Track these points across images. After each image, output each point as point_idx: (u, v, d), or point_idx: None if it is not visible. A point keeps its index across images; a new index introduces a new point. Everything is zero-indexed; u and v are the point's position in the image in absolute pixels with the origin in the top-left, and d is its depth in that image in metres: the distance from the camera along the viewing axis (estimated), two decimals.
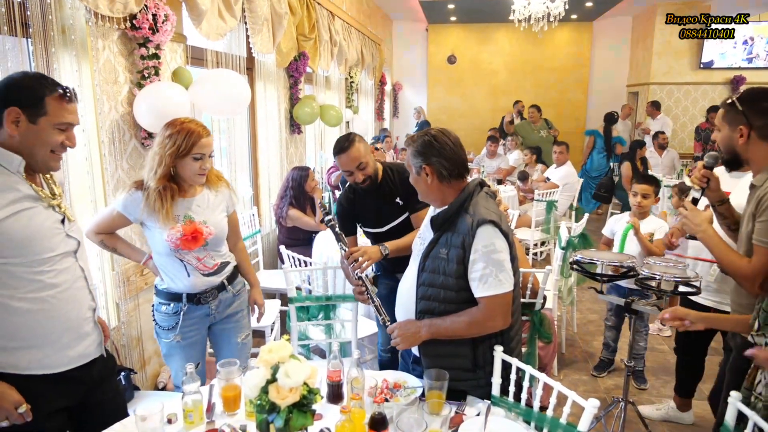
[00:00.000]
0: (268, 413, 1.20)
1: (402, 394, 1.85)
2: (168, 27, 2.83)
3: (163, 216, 2.09)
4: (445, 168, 1.86)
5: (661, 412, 3.17)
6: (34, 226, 1.56)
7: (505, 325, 1.84)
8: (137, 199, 2.13)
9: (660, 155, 7.59)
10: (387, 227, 2.64)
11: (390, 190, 2.60)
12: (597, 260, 2.54)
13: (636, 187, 3.40)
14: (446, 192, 1.89)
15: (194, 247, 2.16)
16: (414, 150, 1.91)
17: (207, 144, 2.14)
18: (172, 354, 2.31)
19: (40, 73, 1.61)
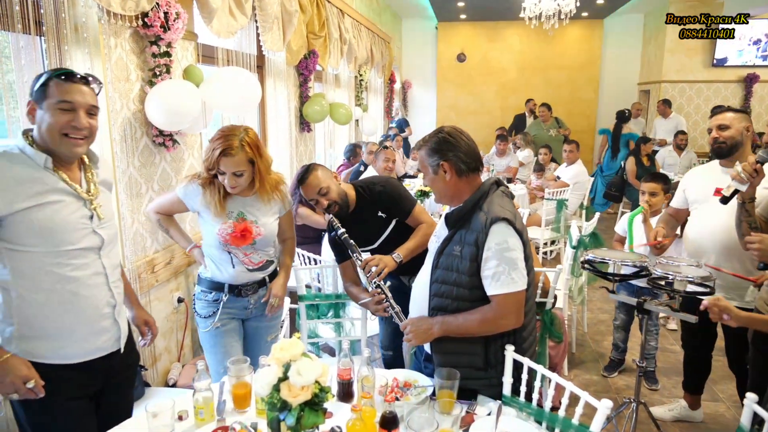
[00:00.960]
0: (279, 411, 1.20)
1: (413, 393, 1.85)
2: (179, 25, 2.83)
3: (214, 208, 2.21)
4: (463, 162, 1.86)
5: (673, 412, 3.15)
6: (58, 218, 1.61)
7: (517, 324, 1.83)
8: (195, 190, 2.25)
9: (679, 155, 7.53)
10: (378, 242, 2.65)
11: (369, 207, 2.60)
12: (609, 260, 2.52)
13: (644, 186, 3.38)
14: (463, 189, 1.89)
15: (242, 244, 2.25)
16: (429, 149, 1.90)
17: (227, 164, 2.14)
18: (211, 344, 2.35)
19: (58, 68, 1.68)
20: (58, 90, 1.59)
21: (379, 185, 2.63)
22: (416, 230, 2.59)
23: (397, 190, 2.65)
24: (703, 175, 2.84)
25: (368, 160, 5.48)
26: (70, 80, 1.60)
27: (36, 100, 1.60)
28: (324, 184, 2.45)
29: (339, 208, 2.49)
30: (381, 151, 5.03)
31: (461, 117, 11.45)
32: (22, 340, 1.60)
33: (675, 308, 2.35)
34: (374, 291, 2.31)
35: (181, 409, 1.75)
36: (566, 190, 5.94)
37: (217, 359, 2.35)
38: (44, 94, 1.58)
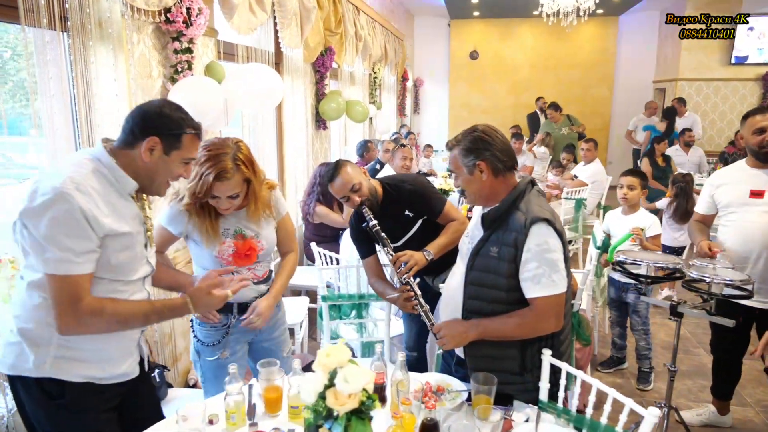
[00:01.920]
0: (325, 420, 1.15)
1: (447, 398, 1.80)
2: (201, 21, 2.79)
3: (206, 234, 1.99)
4: (500, 160, 1.81)
5: (702, 417, 3.08)
6: (133, 249, 1.60)
7: (557, 328, 1.78)
8: (180, 213, 2.00)
9: (686, 153, 7.41)
10: (402, 240, 2.59)
11: (395, 206, 2.53)
12: (641, 261, 2.46)
13: (621, 179, 3.47)
14: (498, 189, 1.84)
15: (247, 264, 2.07)
16: (463, 149, 1.84)
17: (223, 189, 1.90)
18: (215, 374, 2.14)
19: (178, 106, 1.62)
20: (192, 146, 1.62)
21: (408, 184, 2.57)
22: (447, 227, 2.52)
23: (427, 189, 2.58)
24: (733, 177, 2.76)
25: (384, 159, 5.43)
26: (199, 137, 1.64)
27: (165, 143, 1.56)
28: (356, 180, 2.36)
29: (371, 204, 2.41)
30: (398, 149, 4.98)
31: (473, 115, 11.36)
32: (57, 359, 1.52)
33: (711, 312, 2.29)
34: (403, 288, 2.25)
35: (211, 413, 1.71)
36: (584, 190, 5.86)
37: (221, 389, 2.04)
38: (177, 144, 1.57)
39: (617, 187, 3.49)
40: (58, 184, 1.41)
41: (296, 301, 3.75)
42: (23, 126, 2.08)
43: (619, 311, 3.60)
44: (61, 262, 1.41)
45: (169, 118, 1.56)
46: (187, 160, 1.63)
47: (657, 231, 3.32)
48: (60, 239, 1.39)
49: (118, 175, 1.55)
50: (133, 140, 1.55)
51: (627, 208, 3.46)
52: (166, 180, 1.63)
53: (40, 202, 1.39)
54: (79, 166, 1.50)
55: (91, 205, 1.44)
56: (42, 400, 1.53)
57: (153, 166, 1.57)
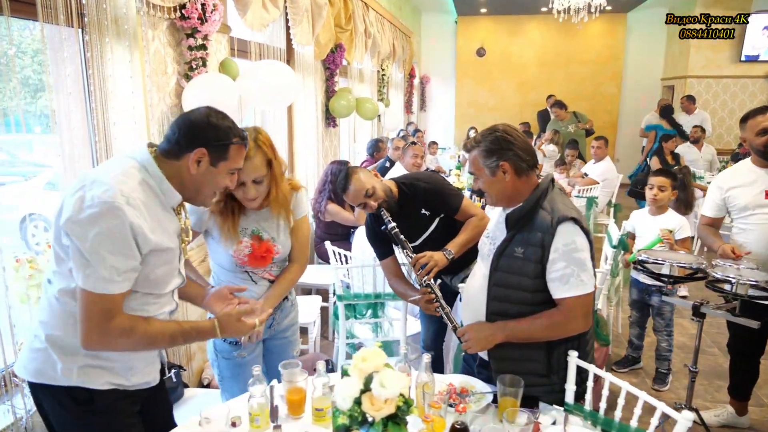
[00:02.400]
0: (360, 425, 1.13)
1: (471, 400, 1.77)
2: (216, 17, 2.77)
3: (226, 233, 1.96)
4: (523, 160, 1.78)
5: (720, 418, 3.05)
6: (169, 265, 1.55)
7: (586, 328, 1.75)
8: (201, 208, 1.93)
9: (699, 151, 7.36)
10: (420, 240, 2.56)
11: (411, 205, 2.50)
12: (664, 261, 2.42)
13: (651, 180, 3.33)
14: (521, 189, 1.81)
15: (262, 265, 2.03)
16: (484, 150, 1.81)
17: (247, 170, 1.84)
18: (234, 373, 2.12)
19: (224, 114, 1.56)
20: (239, 157, 1.57)
21: (423, 182, 2.53)
22: (466, 224, 2.48)
23: (443, 187, 2.55)
24: (743, 179, 2.71)
25: (394, 156, 5.39)
26: (245, 146, 1.59)
27: (212, 155, 1.50)
28: (368, 185, 2.33)
29: (388, 204, 2.38)
30: (408, 146, 4.94)
31: (480, 113, 11.32)
32: (85, 368, 1.48)
33: (735, 312, 2.25)
34: (423, 290, 2.22)
35: (234, 415, 1.68)
36: (595, 188, 5.81)
37: (238, 388, 2.09)
38: (225, 155, 1.52)
39: (647, 187, 3.36)
40: (109, 197, 1.34)
41: (309, 300, 3.73)
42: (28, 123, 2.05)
43: (640, 312, 3.55)
44: (102, 281, 1.36)
45: (217, 128, 1.50)
46: (233, 170, 1.58)
47: (687, 233, 3.20)
48: (105, 256, 1.34)
49: (165, 188, 1.50)
50: (179, 151, 1.49)
51: (655, 208, 3.34)
52: (212, 191, 1.59)
53: (88, 215, 1.33)
54: (126, 176, 1.43)
55: (140, 220, 1.39)
56: (70, 406, 1.49)
57: (200, 177, 1.52)
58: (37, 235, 5.38)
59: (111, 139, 2.29)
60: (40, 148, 5.88)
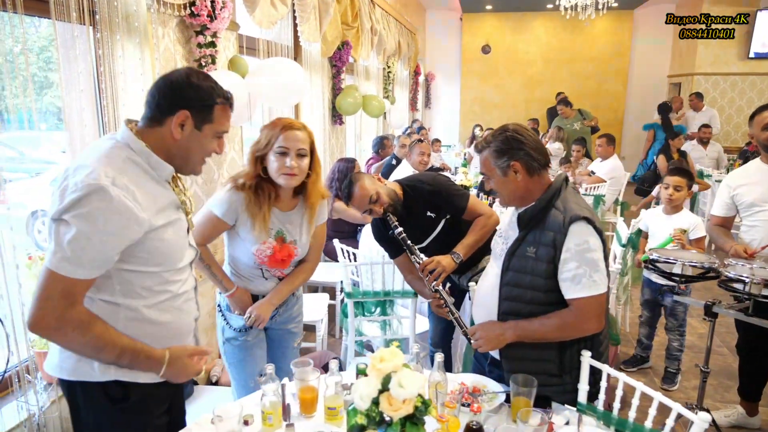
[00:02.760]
0: (377, 425, 1.12)
1: (484, 399, 1.77)
2: (225, 14, 2.76)
3: (260, 222, 1.96)
4: (534, 159, 1.77)
5: (730, 419, 3.04)
6: (179, 236, 1.50)
7: (599, 329, 1.74)
8: (238, 199, 1.97)
9: (705, 149, 7.32)
10: (426, 241, 2.56)
11: (416, 207, 2.50)
12: (676, 260, 2.41)
13: (668, 179, 3.29)
14: (533, 188, 1.79)
15: (280, 268, 2.07)
16: (494, 150, 1.79)
17: (293, 138, 1.93)
18: (240, 357, 2.16)
19: (207, 74, 1.49)
20: (223, 118, 1.49)
21: (427, 184, 2.52)
22: (474, 224, 2.47)
23: (448, 188, 2.54)
24: (751, 177, 2.72)
25: (401, 154, 5.38)
26: (230, 107, 1.51)
27: (196, 117, 1.42)
28: (372, 191, 2.34)
29: (394, 208, 2.39)
30: (415, 144, 4.93)
31: (485, 110, 11.30)
32: None
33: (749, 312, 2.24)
34: (433, 295, 2.22)
35: (246, 413, 1.68)
36: (602, 186, 5.79)
37: (246, 372, 2.16)
38: (209, 117, 1.44)
39: (663, 186, 3.34)
40: (93, 179, 1.27)
41: (316, 297, 3.73)
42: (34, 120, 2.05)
43: (652, 312, 3.53)
44: (66, 261, 1.27)
45: (199, 89, 1.41)
46: (219, 133, 1.50)
47: (701, 233, 3.16)
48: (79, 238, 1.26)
49: (153, 162, 1.42)
50: (160, 116, 1.41)
51: (669, 207, 3.30)
52: (201, 157, 1.51)
53: (71, 200, 1.26)
54: (109, 157, 1.35)
55: (127, 200, 1.30)
56: (105, 404, 1.45)
57: (185, 143, 1.44)
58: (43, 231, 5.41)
59: None
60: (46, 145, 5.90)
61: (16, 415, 1.91)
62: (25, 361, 1.98)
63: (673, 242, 3.02)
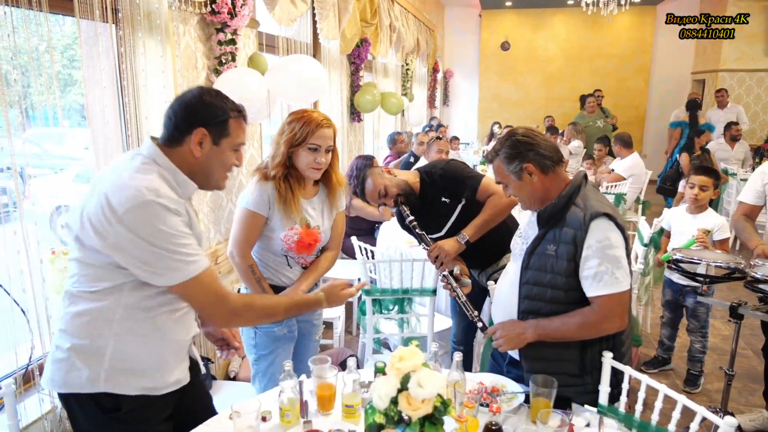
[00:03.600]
0: (396, 425, 1.11)
1: (503, 399, 1.75)
2: (245, 12, 2.77)
3: (288, 210, 2.02)
4: (546, 157, 1.75)
5: (755, 423, 2.97)
6: None
7: (622, 327, 1.71)
8: (268, 190, 2.02)
9: (732, 148, 7.17)
10: (445, 229, 2.55)
11: (432, 193, 2.51)
12: (700, 260, 2.36)
13: (693, 179, 3.21)
14: (551, 187, 1.77)
15: (307, 253, 2.11)
16: (505, 156, 1.78)
17: (325, 136, 2.01)
18: (270, 348, 2.17)
19: (218, 91, 1.54)
20: (239, 130, 1.53)
21: (439, 168, 2.54)
22: (486, 204, 2.44)
23: (459, 170, 2.53)
24: None
25: (419, 151, 5.37)
26: (244, 119, 1.55)
27: (212, 133, 1.47)
28: (380, 186, 2.40)
29: (405, 198, 2.42)
30: (434, 141, 4.92)
31: (504, 107, 11.21)
32: (112, 372, 1.43)
33: None
34: (442, 280, 2.22)
35: (264, 409, 1.69)
36: (623, 184, 5.71)
37: (275, 365, 2.16)
38: (225, 131, 1.49)
39: (688, 186, 3.26)
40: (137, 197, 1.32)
41: None
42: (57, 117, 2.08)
43: (673, 313, 3.47)
44: (185, 266, 1.38)
45: (212, 105, 1.47)
46: (237, 146, 1.54)
47: (725, 234, 3.09)
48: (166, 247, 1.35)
49: (180, 179, 1.47)
50: (179, 135, 1.46)
51: (694, 207, 3.23)
52: (222, 172, 1.55)
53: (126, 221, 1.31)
54: (143, 172, 1.39)
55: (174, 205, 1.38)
56: (98, 414, 1.45)
57: (205, 159, 1.48)
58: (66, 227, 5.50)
59: (142, 133, 2.31)
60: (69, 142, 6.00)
61: (38, 407, 1.94)
62: (47, 355, 2.00)
63: (696, 244, 2.95)
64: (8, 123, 1.76)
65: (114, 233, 1.32)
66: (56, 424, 1.97)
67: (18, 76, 1.84)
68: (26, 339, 1.91)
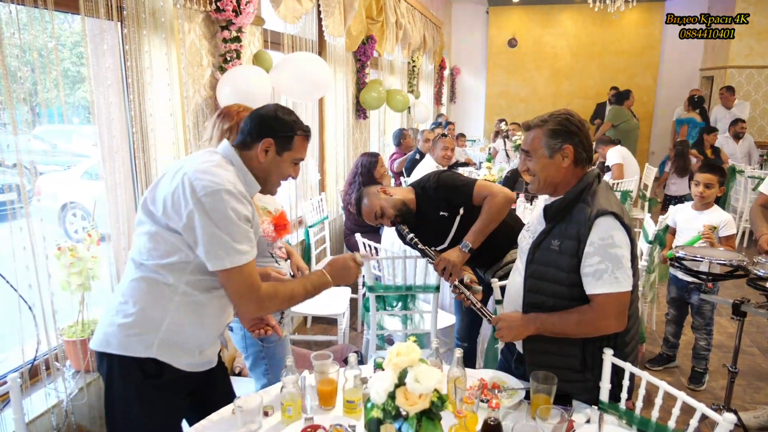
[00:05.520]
0: (394, 419, 1.12)
1: (503, 395, 1.76)
2: (250, 9, 2.79)
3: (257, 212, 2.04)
4: (585, 150, 1.74)
5: (760, 420, 2.96)
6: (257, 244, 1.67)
7: (619, 329, 1.70)
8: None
9: (736, 144, 7.12)
10: (447, 242, 2.56)
11: (429, 207, 2.51)
12: (702, 258, 2.36)
13: (698, 176, 3.21)
14: (571, 179, 1.77)
15: (286, 234, 2.15)
16: (551, 129, 1.75)
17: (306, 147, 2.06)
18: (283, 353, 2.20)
19: (290, 110, 1.71)
20: (302, 148, 1.71)
21: (432, 182, 2.53)
22: (483, 207, 2.42)
23: (451, 180, 2.52)
24: None
25: (425, 149, 5.37)
26: (308, 139, 1.73)
27: (278, 144, 1.65)
28: (376, 207, 2.44)
29: (403, 218, 2.44)
30: (439, 139, 4.91)
31: (512, 104, 11.17)
32: (163, 343, 1.58)
33: None
34: (455, 290, 2.22)
35: (266, 404, 1.71)
36: (631, 181, 5.67)
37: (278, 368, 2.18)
38: (289, 145, 1.67)
39: (693, 183, 3.25)
40: (217, 184, 1.49)
41: (337, 291, 3.75)
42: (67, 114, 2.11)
43: (678, 310, 3.46)
44: (237, 255, 1.51)
45: (282, 121, 1.65)
46: (297, 160, 1.71)
47: (731, 231, 3.08)
48: (231, 234, 1.49)
49: (249, 179, 1.65)
50: (250, 142, 1.65)
51: (700, 204, 3.22)
52: (278, 179, 1.72)
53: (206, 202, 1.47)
54: (222, 167, 1.57)
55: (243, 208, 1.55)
56: (138, 378, 1.58)
57: (267, 166, 1.66)
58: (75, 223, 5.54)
59: (147, 130, 2.33)
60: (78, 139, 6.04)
61: (44, 401, 1.97)
62: (54, 350, 2.03)
63: (701, 240, 2.94)
64: (14, 120, 1.78)
65: (188, 212, 1.48)
66: (62, 418, 2.00)
67: (26, 73, 1.87)
68: (32, 334, 1.94)
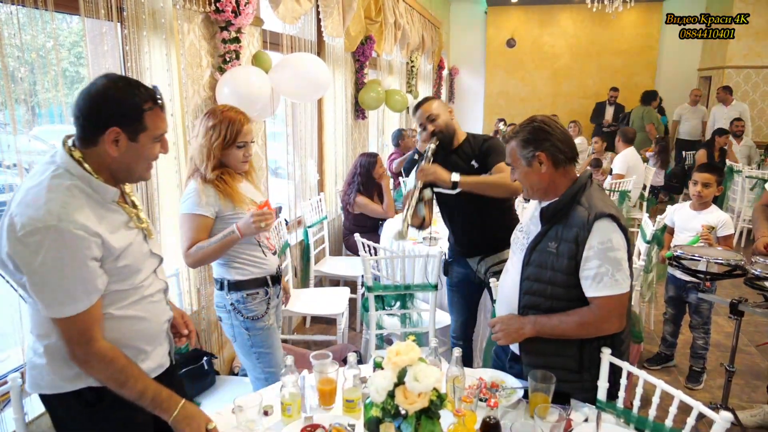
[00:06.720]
0: (393, 418, 1.13)
1: (502, 394, 1.77)
2: (249, 10, 2.79)
3: (238, 199, 2.08)
4: (561, 151, 1.75)
5: (756, 418, 2.97)
6: (137, 252, 1.47)
7: (620, 329, 1.72)
8: (210, 193, 2.04)
9: (738, 143, 7.14)
10: (457, 190, 2.56)
11: (466, 155, 2.59)
12: (700, 257, 2.37)
13: (696, 176, 3.24)
14: (558, 182, 1.78)
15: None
16: (521, 140, 1.78)
17: (249, 131, 2.11)
18: (270, 343, 2.23)
19: (128, 79, 1.40)
20: (157, 121, 1.40)
21: (487, 139, 2.65)
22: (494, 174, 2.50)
23: (501, 146, 2.59)
24: None
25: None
26: (161, 107, 1.41)
27: (127, 131, 1.34)
28: (435, 112, 2.54)
29: (442, 137, 2.53)
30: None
31: (511, 104, 11.19)
32: None
33: None
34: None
35: (266, 403, 1.71)
36: (629, 181, 5.68)
37: (278, 357, 2.24)
38: (141, 125, 1.36)
39: (691, 183, 3.27)
40: (39, 220, 1.24)
41: (336, 291, 3.76)
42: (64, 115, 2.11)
43: (676, 309, 3.47)
44: (61, 305, 1.29)
45: (121, 102, 1.32)
46: (158, 136, 1.42)
47: (729, 231, 3.10)
48: (55, 280, 1.27)
49: (95, 186, 1.36)
50: (92, 136, 1.34)
51: (697, 204, 3.24)
52: (146, 165, 1.45)
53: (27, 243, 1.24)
54: (52, 190, 1.29)
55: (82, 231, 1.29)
56: (82, 410, 1.45)
57: (124, 157, 1.37)
58: None
59: None
60: None
61: None
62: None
63: (700, 240, 2.95)
64: (14, 120, 1.79)
65: (13, 253, 1.26)
66: None
67: (25, 73, 1.87)
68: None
